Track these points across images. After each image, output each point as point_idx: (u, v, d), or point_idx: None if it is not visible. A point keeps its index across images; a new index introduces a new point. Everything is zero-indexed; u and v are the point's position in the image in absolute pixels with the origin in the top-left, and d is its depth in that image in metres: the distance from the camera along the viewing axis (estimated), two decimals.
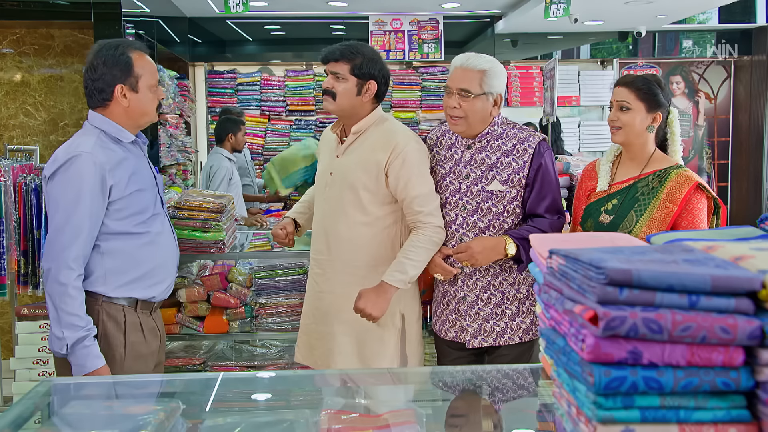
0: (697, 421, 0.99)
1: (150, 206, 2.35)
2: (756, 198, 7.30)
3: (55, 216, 2.19)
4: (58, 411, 1.66)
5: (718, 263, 1.02)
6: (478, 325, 2.54)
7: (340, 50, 2.50)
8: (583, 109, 7.40)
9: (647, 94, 2.40)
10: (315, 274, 2.65)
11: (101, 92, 2.27)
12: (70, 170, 2.18)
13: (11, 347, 3.72)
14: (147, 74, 2.31)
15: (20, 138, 5.07)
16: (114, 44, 2.29)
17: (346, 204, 2.52)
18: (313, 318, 2.66)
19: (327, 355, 2.59)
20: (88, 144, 2.21)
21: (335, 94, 2.50)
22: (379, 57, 2.55)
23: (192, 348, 3.52)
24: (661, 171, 2.41)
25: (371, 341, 2.56)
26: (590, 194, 2.56)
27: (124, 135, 2.30)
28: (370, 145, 2.52)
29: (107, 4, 4.56)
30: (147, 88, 2.31)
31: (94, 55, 2.27)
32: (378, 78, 2.52)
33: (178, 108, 6.00)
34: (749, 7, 7.00)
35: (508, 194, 2.47)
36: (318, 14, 6.83)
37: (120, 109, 2.29)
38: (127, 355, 2.30)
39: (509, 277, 2.51)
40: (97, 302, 2.26)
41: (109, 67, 2.25)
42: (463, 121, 2.46)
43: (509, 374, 1.78)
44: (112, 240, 2.25)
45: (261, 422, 1.61)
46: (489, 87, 2.45)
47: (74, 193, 2.16)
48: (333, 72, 2.50)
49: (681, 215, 2.34)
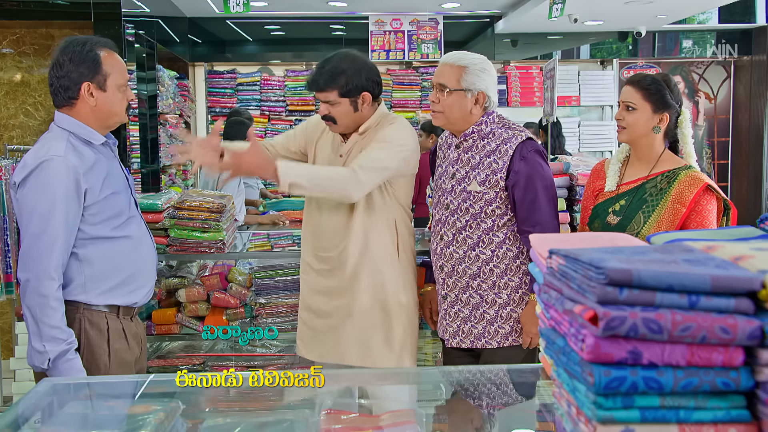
0: (697, 421, 0.99)
1: (125, 209, 2.27)
2: (756, 198, 7.31)
3: (29, 224, 2.09)
4: (58, 411, 1.65)
5: (718, 263, 1.02)
6: (457, 325, 2.54)
7: (323, 79, 2.47)
8: (583, 109, 7.41)
9: (654, 94, 2.35)
10: (320, 270, 2.64)
11: (67, 90, 2.18)
12: (41, 175, 2.09)
13: (11, 347, 3.72)
14: (116, 73, 2.21)
15: (20, 138, 5.06)
16: (82, 41, 2.20)
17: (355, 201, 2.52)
18: (318, 312, 2.65)
19: (335, 348, 2.60)
20: (59, 147, 2.12)
21: (334, 118, 2.52)
22: (362, 62, 2.53)
23: (192, 348, 3.52)
24: (669, 172, 2.37)
25: (379, 331, 2.58)
26: (598, 194, 2.53)
27: (94, 137, 2.21)
28: (371, 141, 2.54)
29: (107, 4, 4.56)
30: (116, 87, 2.21)
31: (61, 52, 2.18)
32: (369, 86, 2.51)
33: (178, 108, 6.00)
34: (749, 7, 7.01)
35: (485, 195, 2.44)
36: (318, 14, 6.83)
37: (87, 109, 2.19)
38: (111, 364, 2.22)
39: (488, 280, 2.48)
40: (78, 310, 2.18)
41: (76, 64, 2.16)
42: (442, 115, 2.48)
43: (509, 374, 1.78)
44: (89, 245, 2.18)
45: (261, 422, 1.61)
46: (468, 84, 2.43)
47: (49, 199, 2.07)
48: (324, 100, 2.50)
49: (690, 217, 2.30)
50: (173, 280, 3.36)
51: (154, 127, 5.27)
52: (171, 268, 3.53)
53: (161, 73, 5.48)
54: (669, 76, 2.45)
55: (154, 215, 3.03)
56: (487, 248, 2.47)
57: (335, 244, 2.58)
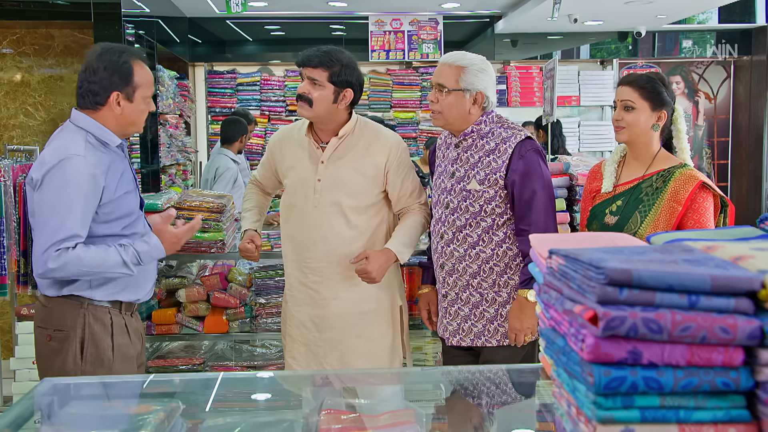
0: (697, 421, 0.99)
1: (135, 209, 2.31)
2: (756, 198, 7.31)
3: (49, 220, 2.11)
4: (58, 411, 1.65)
5: (718, 263, 1.02)
6: (457, 324, 2.54)
7: (318, 56, 2.46)
8: (583, 109, 7.41)
9: (651, 92, 2.37)
10: (312, 282, 2.59)
11: (96, 95, 2.21)
12: (62, 173, 2.12)
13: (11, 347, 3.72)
14: (144, 85, 2.26)
15: (20, 138, 5.07)
16: (118, 50, 2.24)
17: (344, 207, 2.53)
18: (314, 327, 2.61)
19: (339, 361, 2.59)
20: (79, 146, 2.16)
21: (311, 100, 2.47)
22: (356, 64, 2.55)
23: (192, 348, 3.52)
24: (665, 171, 2.38)
25: (380, 338, 2.60)
26: (595, 196, 2.54)
27: (111, 138, 2.24)
28: (361, 148, 2.56)
29: (107, 4, 4.56)
30: (142, 99, 2.26)
31: (96, 58, 2.22)
32: (355, 86, 2.52)
33: (178, 108, 6.00)
34: (749, 7, 7.01)
35: (485, 194, 2.45)
36: (318, 14, 6.83)
37: (111, 116, 2.23)
38: (115, 358, 2.25)
39: (488, 278, 2.49)
40: (82, 305, 2.21)
41: (110, 72, 2.20)
42: (440, 115, 2.49)
43: (509, 374, 1.78)
44: (98, 244, 2.18)
45: (261, 422, 1.61)
46: (466, 84, 2.44)
47: (69, 196, 2.11)
48: (310, 78, 2.47)
49: (686, 215, 2.31)
50: (173, 280, 3.36)
51: (155, 128, 5.26)
52: (171, 268, 3.53)
53: (161, 73, 5.48)
54: (662, 74, 2.49)
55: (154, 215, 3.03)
56: (487, 247, 2.48)
57: (331, 253, 2.55)
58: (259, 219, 2.83)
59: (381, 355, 2.61)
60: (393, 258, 2.51)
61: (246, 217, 2.81)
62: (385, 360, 2.62)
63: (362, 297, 2.57)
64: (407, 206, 2.64)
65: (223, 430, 1.56)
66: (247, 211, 2.82)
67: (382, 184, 2.58)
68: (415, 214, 2.63)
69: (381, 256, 2.48)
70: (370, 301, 2.59)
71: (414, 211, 2.64)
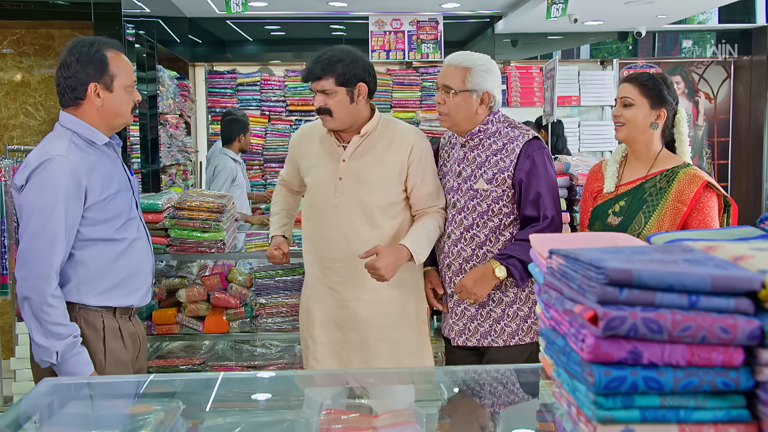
0: (697, 421, 0.99)
1: (125, 210, 2.26)
2: (756, 198, 7.30)
3: (29, 223, 2.08)
4: (58, 411, 1.65)
5: (718, 263, 1.02)
6: (463, 324, 2.54)
7: (320, 67, 2.43)
8: (583, 109, 7.40)
9: (651, 89, 2.36)
10: (333, 282, 2.54)
11: (74, 90, 2.18)
12: (42, 175, 2.08)
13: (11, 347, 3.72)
14: (122, 74, 2.21)
15: (20, 138, 5.06)
16: (89, 41, 2.20)
17: (366, 206, 2.48)
18: (336, 327, 2.57)
19: (364, 363, 2.54)
20: (62, 147, 2.12)
21: (330, 110, 2.44)
22: (358, 54, 2.49)
23: (192, 348, 3.52)
24: (668, 170, 2.37)
25: (404, 340, 2.56)
26: (597, 196, 2.53)
27: (97, 137, 2.21)
28: (384, 145, 2.51)
29: (107, 4, 4.56)
30: (122, 88, 2.21)
31: (68, 52, 2.18)
32: (365, 77, 2.47)
33: (178, 108, 6.00)
34: (749, 7, 7.00)
35: (492, 193, 2.45)
36: (318, 14, 6.83)
37: (93, 109, 2.19)
38: (107, 363, 2.21)
39: None
40: (74, 310, 2.17)
41: (83, 64, 2.16)
42: (448, 117, 2.49)
43: (509, 374, 1.78)
44: (87, 247, 2.16)
45: (261, 422, 1.61)
46: (473, 84, 2.44)
47: (49, 198, 2.07)
48: (320, 90, 2.44)
49: (691, 215, 2.29)
50: (173, 280, 3.36)
51: (155, 128, 5.26)
52: (171, 268, 3.53)
53: (161, 73, 5.48)
54: (666, 75, 2.47)
55: (154, 215, 3.04)
56: (494, 246, 2.48)
57: (354, 253, 2.46)
58: (287, 222, 2.78)
59: (406, 359, 2.56)
60: (405, 257, 2.41)
61: (273, 222, 2.77)
62: (411, 364, 2.57)
63: (387, 299, 2.52)
64: (425, 208, 2.54)
65: (224, 430, 1.56)
66: (274, 214, 2.78)
67: (404, 182, 2.52)
68: (432, 217, 2.53)
69: (392, 254, 2.37)
70: (395, 304, 2.54)
71: (432, 215, 2.54)
